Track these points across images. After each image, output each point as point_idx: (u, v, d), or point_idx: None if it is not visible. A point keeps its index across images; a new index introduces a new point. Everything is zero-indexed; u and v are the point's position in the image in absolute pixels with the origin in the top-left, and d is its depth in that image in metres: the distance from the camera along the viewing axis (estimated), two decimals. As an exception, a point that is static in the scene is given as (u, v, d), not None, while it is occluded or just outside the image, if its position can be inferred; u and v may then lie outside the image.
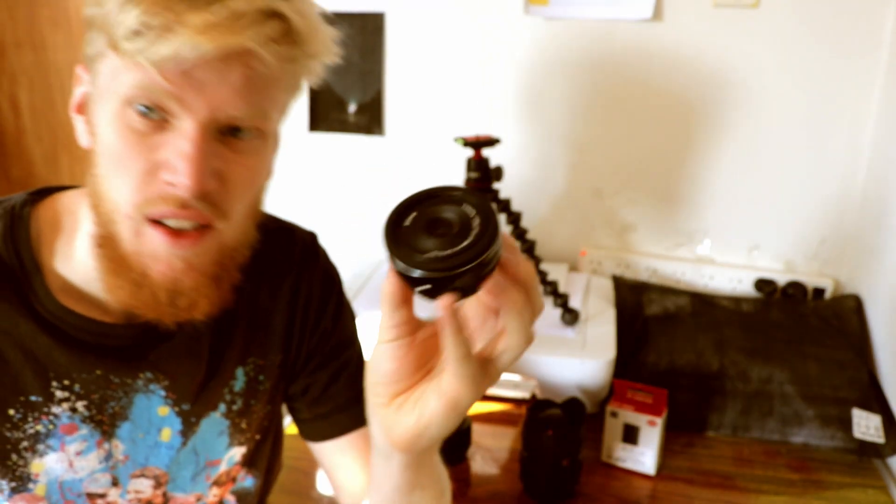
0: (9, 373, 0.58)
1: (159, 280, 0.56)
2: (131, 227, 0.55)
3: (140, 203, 0.54)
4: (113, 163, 0.54)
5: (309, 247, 0.75)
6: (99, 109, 0.55)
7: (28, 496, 0.60)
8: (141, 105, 0.52)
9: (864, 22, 1.18)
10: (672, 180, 1.35)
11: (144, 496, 0.66)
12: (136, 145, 0.53)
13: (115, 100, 0.53)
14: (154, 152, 0.53)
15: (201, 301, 0.58)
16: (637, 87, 1.31)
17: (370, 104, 1.42)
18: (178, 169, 0.53)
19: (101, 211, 0.56)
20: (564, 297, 1.17)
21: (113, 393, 0.62)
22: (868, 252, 1.23)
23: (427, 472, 0.56)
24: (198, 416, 0.67)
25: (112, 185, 0.54)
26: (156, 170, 0.54)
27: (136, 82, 0.51)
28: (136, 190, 0.54)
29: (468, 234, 0.43)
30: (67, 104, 0.62)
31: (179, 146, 0.53)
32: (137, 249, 0.55)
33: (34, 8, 1.63)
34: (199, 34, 0.49)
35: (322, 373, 0.75)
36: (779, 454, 1.07)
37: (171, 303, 0.56)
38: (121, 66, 0.52)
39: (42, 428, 0.60)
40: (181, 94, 0.52)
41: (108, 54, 0.52)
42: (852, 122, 1.23)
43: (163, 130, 0.53)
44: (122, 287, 0.56)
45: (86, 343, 0.60)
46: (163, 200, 0.54)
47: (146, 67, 0.50)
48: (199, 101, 0.52)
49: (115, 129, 0.53)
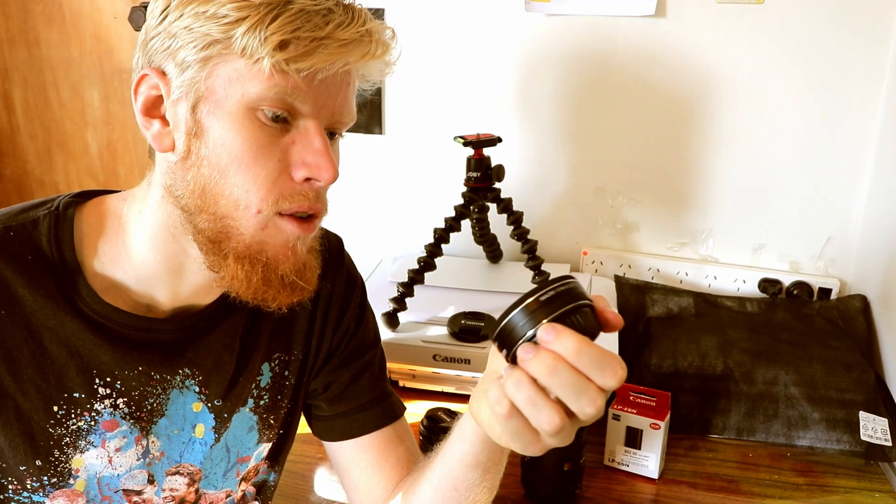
0: (54, 370, 0.60)
1: (288, 264, 0.60)
2: (260, 221, 0.58)
3: (275, 199, 0.58)
4: (239, 163, 0.57)
5: (334, 249, 0.78)
6: (210, 111, 0.57)
7: (68, 492, 0.62)
8: (272, 109, 0.57)
9: (871, 16, 1.16)
10: (675, 179, 1.33)
11: (178, 494, 0.69)
12: (267, 147, 0.57)
13: (237, 102, 0.56)
14: (284, 153, 0.58)
15: (313, 279, 0.63)
16: (640, 85, 1.29)
17: (370, 102, 1.40)
18: (316, 164, 0.58)
19: (216, 208, 0.58)
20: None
21: (152, 389, 0.65)
22: (875, 251, 1.21)
23: (494, 458, 0.62)
24: (229, 411, 0.70)
25: (235, 183, 0.57)
26: (286, 168, 0.58)
27: (271, 86, 0.55)
28: (271, 188, 0.58)
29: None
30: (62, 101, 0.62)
31: (313, 144, 0.58)
32: (262, 240, 0.59)
33: (28, 4, 1.62)
34: (342, 49, 0.56)
35: (344, 371, 0.77)
36: (784, 457, 1.05)
37: (295, 284, 0.61)
38: (248, 71, 0.55)
39: (84, 424, 0.62)
40: (315, 100, 0.58)
41: (229, 59, 0.56)
42: (859, 118, 1.22)
43: (286, 132, 0.58)
44: (253, 275, 0.59)
45: (129, 340, 0.63)
46: (301, 196, 0.59)
47: (290, 75, 0.55)
48: (326, 107, 0.59)
49: (242, 130, 0.57)
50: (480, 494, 0.64)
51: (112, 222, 0.64)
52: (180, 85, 0.57)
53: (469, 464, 0.62)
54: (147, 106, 0.59)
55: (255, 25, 0.54)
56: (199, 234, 0.60)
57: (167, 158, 0.60)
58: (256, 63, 0.55)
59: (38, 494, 0.61)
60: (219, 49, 0.55)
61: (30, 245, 0.61)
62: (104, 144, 1.69)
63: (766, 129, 1.26)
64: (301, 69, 0.55)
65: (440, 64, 1.36)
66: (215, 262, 0.60)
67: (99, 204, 0.65)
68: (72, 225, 0.63)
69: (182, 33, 0.56)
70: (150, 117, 0.59)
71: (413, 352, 1.13)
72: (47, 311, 0.60)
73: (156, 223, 0.62)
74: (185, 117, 0.58)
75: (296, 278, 0.61)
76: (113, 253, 0.63)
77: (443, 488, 0.65)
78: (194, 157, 0.58)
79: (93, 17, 1.60)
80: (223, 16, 0.54)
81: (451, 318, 1.17)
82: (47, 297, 0.60)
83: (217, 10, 0.54)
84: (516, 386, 0.47)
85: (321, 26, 0.55)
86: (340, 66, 0.57)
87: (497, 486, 0.66)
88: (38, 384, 0.60)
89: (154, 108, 0.59)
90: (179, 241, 0.62)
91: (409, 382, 1.19)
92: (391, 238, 1.48)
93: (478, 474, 0.62)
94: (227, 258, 0.59)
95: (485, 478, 0.63)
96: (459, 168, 1.18)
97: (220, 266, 0.60)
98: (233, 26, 0.54)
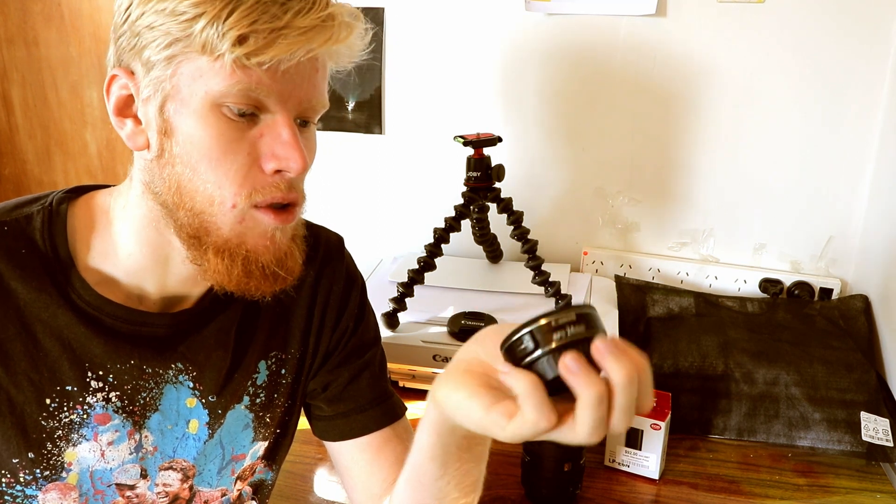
0: (46, 363, 0.60)
1: (268, 255, 0.61)
2: (236, 215, 0.59)
3: (248, 192, 0.58)
4: (209, 160, 0.57)
5: (333, 247, 0.78)
6: (176, 110, 0.57)
7: (61, 485, 0.62)
8: (236, 105, 0.56)
9: (872, 16, 1.16)
10: (675, 178, 1.33)
11: (172, 490, 0.69)
12: (236, 142, 0.57)
13: (201, 99, 0.56)
14: (253, 146, 0.58)
15: (296, 267, 0.63)
16: (640, 84, 1.29)
17: (369, 102, 1.40)
18: (285, 155, 0.58)
19: (192, 204, 0.58)
20: (567, 298, 1.16)
21: (144, 383, 0.65)
22: (876, 251, 1.21)
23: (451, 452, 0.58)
24: (223, 408, 0.70)
25: (208, 180, 0.57)
26: (255, 161, 0.58)
27: (234, 83, 0.55)
28: (242, 182, 0.58)
29: None
30: (60, 101, 0.62)
31: (281, 135, 0.58)
32: (241, 232, 0.59)
33: (26, 3, 1.62)
34: (303, 37, 0.54)
35: (343, 370, 0.77)
36: (785, 458, 1.05)
37: (276, 273, 0.61)
38: (210, 67, 0.55)
39: (76, 417, 0.62)
40: (281, 91, 0.57)
41: (191, 57, 0.55)
42: (860, 117, 1.21)
43: (254, 125, 0.58)
44: (234, 267, 0.60)
45: (121, 333, 0.63)
46: (273, 187, 0.59)
47: (252, 69, 0.55)
48: (293, 97, 0.58)
49: (209, 127, 0.56)
50: (447, 490, 0.60)
51: (101, 217, 0.64)
52: (147, 84, 0.57)
53: (426, 455, 0.58)
54: (119, 106, 0.59)
55: (212, 21, 0.53)
56: (181, 230, 0.60)
57: (143, 156, 0.60)
58: (218, 59, 0.54)
59: (31, 487, 0.61)
60: (181, 47, 0.55)
61: (24, 240, 0.61)
62: (103, 144, 1.69)
63: (766, 129, 1.26)
64: (262, 62, 0.54)
65: (440, 63, 1.36)
66: (196, 256, 0.60)
67: (89, 199, 0.66)
68: (65, 220, 0.63)
69: (145, 32, 0.55)
70: (123, 117, 0.60)
71: (413, 352, 1.13)
72: (40, 304, 0.60)
73: (139, 217, 0.62)
74: (154, 116, 0.58)
75: (276, 268, 0.61)
76: (102, 247, 0.63)
77: (411, 481, 0.63)
78: (167, 155, 0.58)
79: (92, 16, 1.59)
80: (181, 12, 0.54)
81: (451, 318, 1.17)
82: (40, 291, 0.60)
83: (176, 6, 0.54)
84: (590, 384, 0.43)
85: (279, 16, 0.54)
86: (303, 55, 0.56)
87: (474, 488, 0.62)
88: (31, 377, 0.60)
89: (126, 108, 0.59)
90: (163, 233, 0.62)
91: (408, 382, 1.19)
92: (391, 238, 1.48)
93: (436, 467, 0.59)
94: (207, 252, 0.60)
95: (445, 472, 0.59)
96: (459, 168, 1.18)
97: (201, 259, 0.60)
98: (191, 23, 0.54)
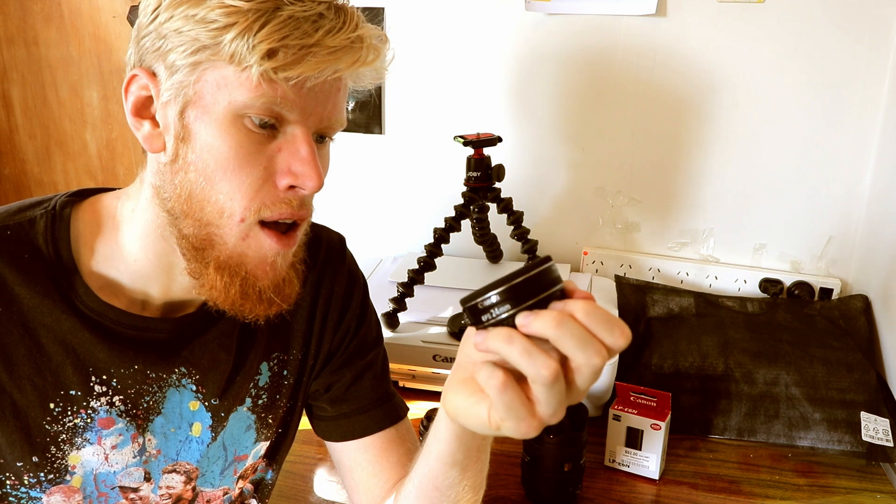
0: (50, 367, 0.60)
1: (267, 280, 0.60)
2: (242, 230, 0.58)
3: (257, 207, 0.58)
4: (224, 170, 0.57)
5: (335, 247, 0.78)
6: (197, 116, 0.57)
7: (65, 488, 0.62)
8: (259, 116, 0.56)
9: (872, 15, 1.16)
10: (676, 178, 1.33)
11: (175, 491, 0.69)
12: (253, 154, 0.57)
13: (224, 109, 0.56)
14: (270, 161, 0.58)
15: (292, 294, 0.63)
16: (640, 84, 1.29)
17: (369, 102, 1.40)
18: (302, 172, 0.58)
19: (201, 215, 0.58)
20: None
21: (148, 388, 0.65)
22: (876, 251, 1.21)
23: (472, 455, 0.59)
24: (226, 410, 0.70)
25: (220, 190, 0.57)
26: (270, 176, 0.58)
27: (258, 95, 0.55)
28: (254, 196, 0.57)
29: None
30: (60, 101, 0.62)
31: (299, 151, 0.58)
32: (242, 251, 0.59)
33: (26, 3, 1.62)
34: (331, 56, 0.55)
35: (346, 371, 0.77)
36: (785, 458, 1.05)
37: (272, 299, 0.61)
38: (236, 78, 0.55)
39: (80, 421, 0.62)
40: (303, 107, 0.57)
41: (217, 65, 0.55)
42: (860, 117, 1.21)
43: (273, 139, 0.58)
44: (232, 287, 0.59)
45: (125, 338, 0.63)
46: (284, 203, 0.58)
47: (278, 83, 0.54)
48: (315, 114, 0.58)
49: (229, 137, 0.56)
50: (463, 493, 0.62)
51: (107, 221, 0.64)
52: (169, 88, 0.57)
53: (446, 462, 0.60)
54: (137, 106, 0.59)
55: (243, 32, 0.53)
56: (184, 240, 0.60)
57: (158, 159, 0.60)
58: (244, 71, 0.54)
59: (36, 490, 0.61)
60: (207, 55, 0.55)
61: (27, 244, 0.61)
62: (103, 144, 1.69)
63: (766, 129, 1.26)
64: (289, 78, 0.54)
65: (440, 63, 1.36)
66: (196, 269, 0.60)
67: (95, 203, 0.65)
68: (68, 224, 0.63)
69: (172, 35, 0.55)
70: (141, 118, 0.59)
71: (413, 352, 1.13)
72: (44, 309, 0.60)
73: (147, 222, 0.62)
74: (173, 121, 0.57)
75: (273, 294, 0.61)
76: (107, 251, 0.63)
77: (424, 488, 0.64)
78: (182, 161, 0.58)
79: (91, 16, 1.59)
80: (212, 21, 0.54)
81: (451, 318, 1.17)
82: (44, 295, 0.60)
83: (206, 14, 0.54)
84: (507, 340, 0.43)
85: (310, 33, 0.54)
86: (330, 74, 0.56)
87: (482, 485, 0.64)
88: (35, 381, 0.60)
89: (144, 109, 0.59)
90: (168, 240, 0.62)
91: (409, 382, 1.19)
92: (391, 238, 1.48)
93: (456, 472, 0.60)
94: (208, 267, 0.59)
95: (464, 476, 0.61)
96: (459, 168, 1.18)
97: (200, 273, 0.60)
98: (221, 32, 0.53)
